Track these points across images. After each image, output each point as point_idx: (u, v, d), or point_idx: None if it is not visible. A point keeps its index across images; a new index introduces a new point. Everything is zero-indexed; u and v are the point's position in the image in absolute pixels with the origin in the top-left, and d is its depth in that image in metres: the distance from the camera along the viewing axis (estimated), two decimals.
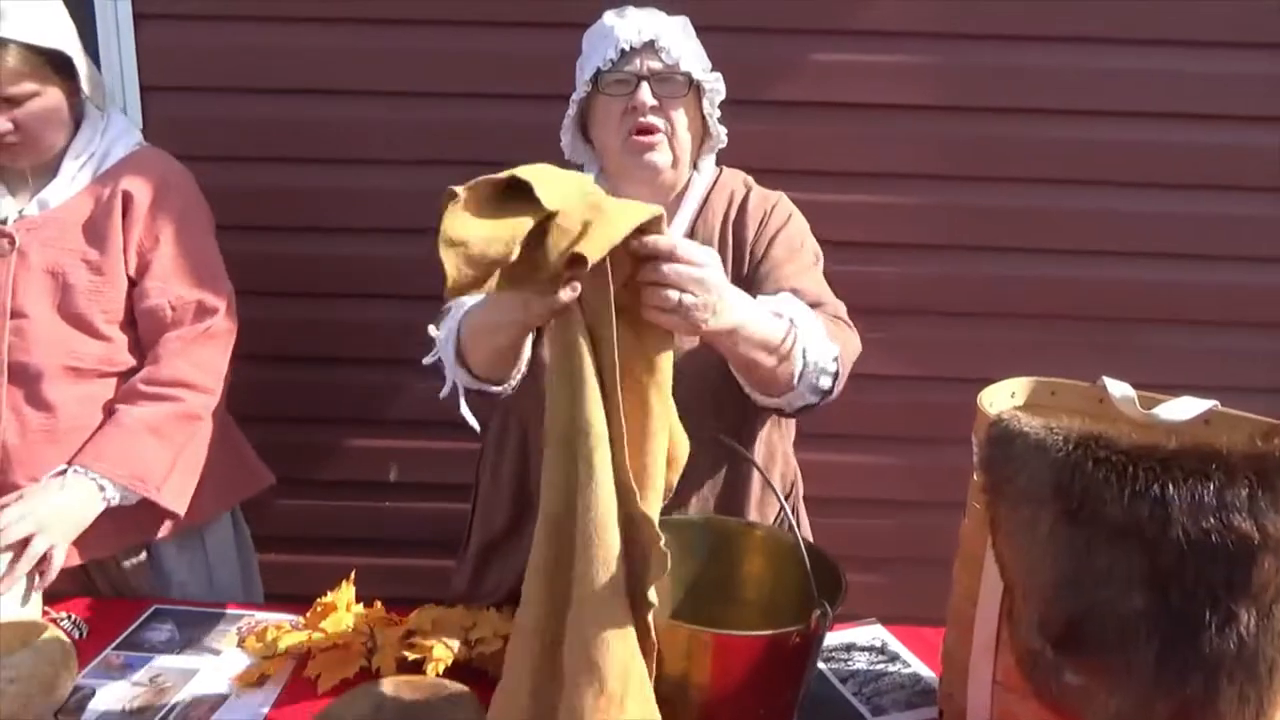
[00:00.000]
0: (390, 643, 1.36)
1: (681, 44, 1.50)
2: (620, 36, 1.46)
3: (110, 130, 1.64)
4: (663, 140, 1.49)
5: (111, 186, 1.59)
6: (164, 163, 1.67)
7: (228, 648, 1.43)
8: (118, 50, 2.06)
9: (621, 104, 1.47)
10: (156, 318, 1.60)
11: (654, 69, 1.47)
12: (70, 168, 1.59)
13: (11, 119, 1.50)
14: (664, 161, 1.49)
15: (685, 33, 1.54)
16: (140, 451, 1.52)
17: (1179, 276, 2.17)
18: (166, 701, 1.30)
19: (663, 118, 1.48)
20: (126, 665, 1.38)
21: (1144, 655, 0.98)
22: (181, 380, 1.57)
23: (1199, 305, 2.18)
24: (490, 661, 1.34)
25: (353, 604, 1.43)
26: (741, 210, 1.56)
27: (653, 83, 1.47)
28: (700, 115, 1.53)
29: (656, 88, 1.47)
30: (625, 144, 1.48)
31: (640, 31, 1.47)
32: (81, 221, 1.58)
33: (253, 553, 1.91)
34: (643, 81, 1.46)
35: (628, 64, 1.47)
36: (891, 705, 1.34)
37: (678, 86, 1.49)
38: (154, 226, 1.60)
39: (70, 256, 1.57)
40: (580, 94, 1.53)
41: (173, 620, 1.51)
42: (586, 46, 1.55)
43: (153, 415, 1.54)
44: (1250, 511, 0.94)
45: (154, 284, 1.60)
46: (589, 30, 1.55)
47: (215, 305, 1.62)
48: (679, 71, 1.48)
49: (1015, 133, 2.11)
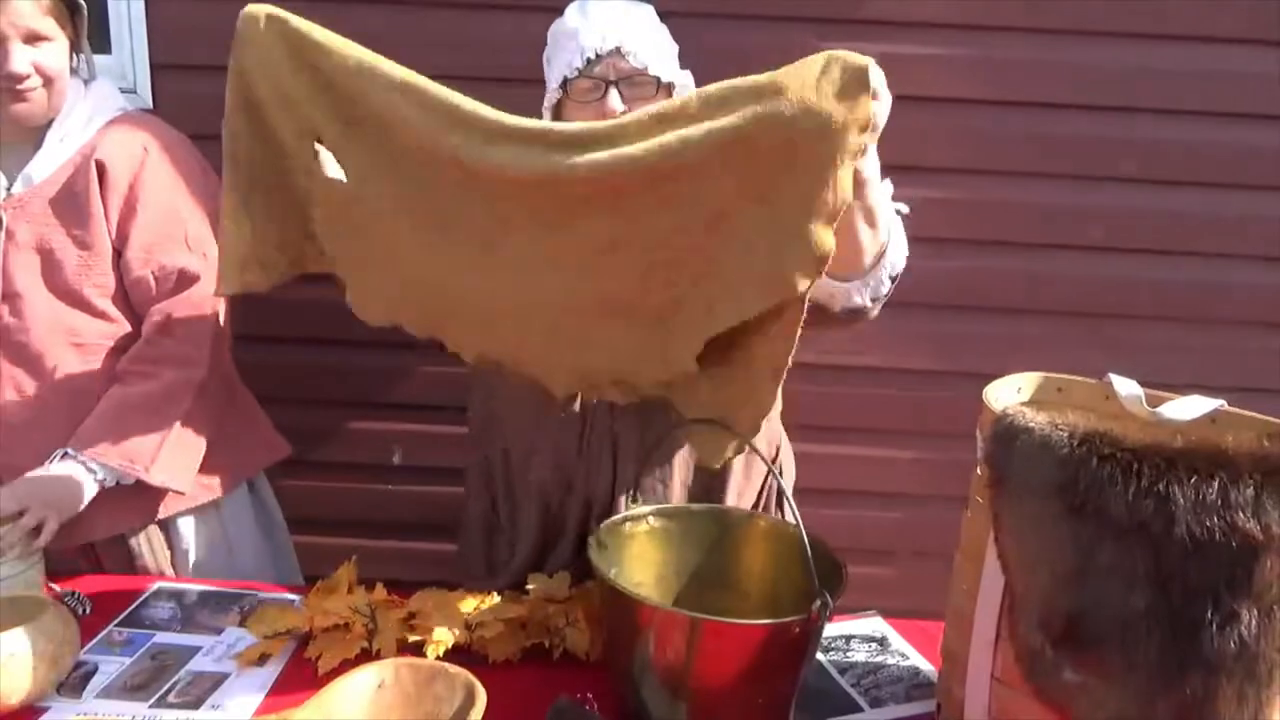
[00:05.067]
0: (391, 624, 1.36)
1: (648, 44, 1.47)
2: (585, 44, 1.45)
3: (91, 97, 1.59)
4: None
5: (89, 155, 1.55)
6: (145, 127, 1.62)
7: (229, 627, 1.44)
8: (129, 27, 2.05)
9: (592, 110, 1.45)
10: (142, 289, 1.57)
11: (622, 71, 1.45)
12: (53, 139, 1.55)
13: (34, 63, 1.47)
14: None
15: (651, 28, 1.52)
16: (127, 431, 1.51)
17: (1193, 275, 2.15)
18: (167, 679, 1.31)
19: None
20: (128, 642, 1.39)
21: (1144, 654, 0.98)
22: (166, 355, 1.56)
23: (1210, 304, 2.17)
24: (491, 645, 1.35)
25: (354, 585, 1.44)
26: None
27: (621, 86, 1.45)
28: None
29: (626, 91, 1.45)
30: None
31: (605, 37, 1.44)
32: (64, 196, 1.55)
33: (284, 530, 1.89)
34: (611, 87, 1.45)
35: (595, 68, 1.45)
36: (890, 697, 1.34)
37: (646, 88, 1.47)
38: (131, 195, 1.56)
39: (57, 232, 1.54)
40: (551, 100, 1.52)
41: (175, 598, 1.51)
42: (552, 47, 1.53)
43: (138, 394, 1.53)
44: (1254, 511, 0.94)
45: (135, 255, 1.56)
46: (554, 27, 1.53)
47: (198, 273, 1.58)
48: (647, 75, 1.46)
49: (1029, 128, 2.09)
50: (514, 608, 1.38)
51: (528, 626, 1.38)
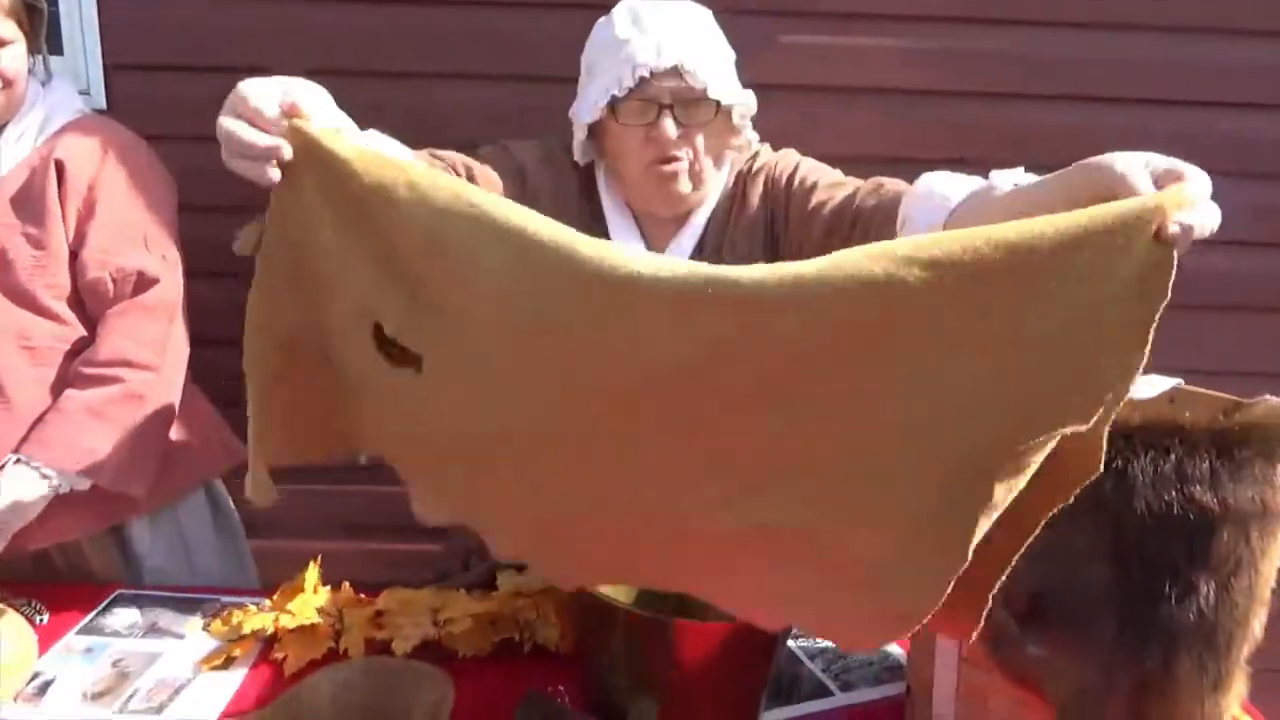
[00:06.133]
0: (358, 623, 1.35)
1: (709, 61, 1.33)
2: (639, 60, 1.30)
3: (50, 98, 1.57)
4: (684, 168, 1.37)
5: (48, 156, 1.53)
6: (105, 130, 1.60)
7: (192, 632, 1.42)
8: (80, 26, 2.01)
9: (641, 133, 1.34)
10: (98, 292, 1.54)
11: (679, 94, 1.31)
12: (10, 138, 1.53)
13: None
14: (685, 189, 1.39)
15: (711, 39, 1.38)
16: (82, 437, 1.48)
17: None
18: (129, 686, 1.28)
19: (686, 146, 1.36)
20: (88, 650, 1.37)
21: (1105, 627, 0.99)
22: (122, 359, 1.52)
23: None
24: (459, 641, 1.34)
25: (319, 586, 1.42)
26: (754, 185, 1.46)
27: (676, 110, 1.32)
28: (727, 127, 1.40)
29: (681, 115, 1.32)
30: (645, 171, 1.38)
31: (661, 53, 1.29)
32: (22, 195, 1.52)
33: (241, 537, 1.86)
34: (665, 111, 1.32)
35: (647, 89, 1.31)
36: (860, 681, 1.35)
37: (704, 112, 1.34)
38: (90, 196, 1.54)
39: (10, 232, 1.51)
40: (590, 116, 1.37)
41: (136, 605, 1.49)
42: (597, 53, 1.38)
43: (94, 398, 1.50)
44: (1211, 485, 0.96)
45: (93, 256, 1.53)
46: (599, 30, 1.40)
47: (156, 275, 1.56)
48: (706, 97, 1.32)
49: (1019, 119, 2.10)
50: (483, 602, 1.37)
51: (497, 621, 1.37)
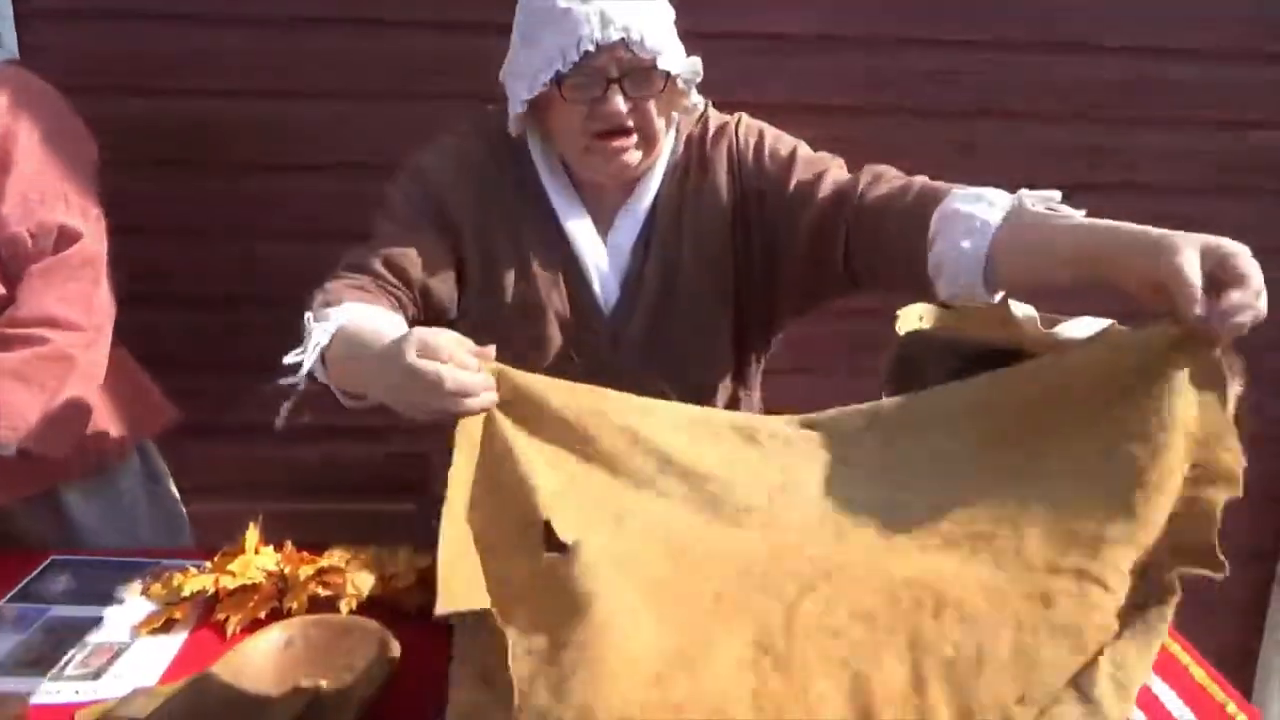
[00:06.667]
0: (302, 582, 1.33)
1: (655, 28, 1.26)
2: (582, 32, 1.22)
3: None
4: (634, 141, 1.31)
5: None
6: (16, 80, 1.53)
7: (131, 596, 1.38)
8: None
9: (586, 108, 1.28)
10: (18, 247, 1.47)
11: (626, 64, 1.25)
12: None
13: None
14: (635, 160, 1.33)
15: (653, 1, 1.29)
16: (6, 399, 1.43)
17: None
18: (64, 651, 1.25)
19: (634, 117, 1.29)
20: (20, 618, 1.33)
21: None
22: (47, 318, 1.47)
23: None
24: (405, 596, 1.32)
25: (261, 546, 1.40)
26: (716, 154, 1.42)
27: (625, 83, 1.26)
28: (674, 92, 1.34)
29: (629, 87, 1.26)
30: (592, 143, 1.31)
31: (607, 24, 1.22)
32: None
33: (175, 500, 1.83)
34: (613, 85, 1.25)
35: (593, 62, 1.24)
36: None
37: (654, 83, 1.27)
38: (4, 148, 1.47)
39: None
40: (529, 92, 1.29)
41: (71, 570, 1.44)
42: (534, 23, 1.29)
43: (17, 360, 1.44)
44: None
45: (12, 211, 1.46)
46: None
47: (78, 230, 1.50)
48: (656, 68, 1.26)
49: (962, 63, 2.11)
50: (429, 557, 1.36)
51: None
